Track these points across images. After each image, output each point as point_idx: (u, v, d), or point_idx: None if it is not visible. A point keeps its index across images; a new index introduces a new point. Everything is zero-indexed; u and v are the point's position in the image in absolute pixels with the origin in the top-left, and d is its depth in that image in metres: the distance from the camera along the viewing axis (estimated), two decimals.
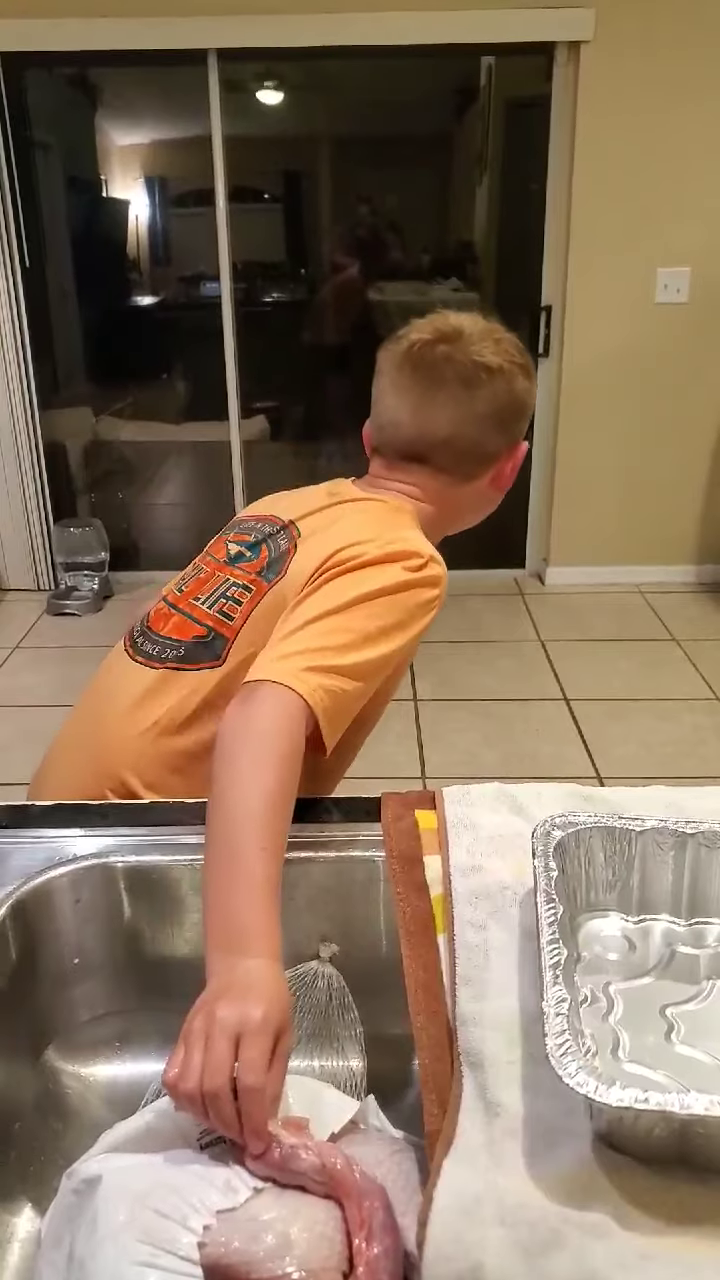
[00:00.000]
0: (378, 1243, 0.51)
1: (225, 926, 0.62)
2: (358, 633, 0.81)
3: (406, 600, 0.85)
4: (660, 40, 3.00)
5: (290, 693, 0.74)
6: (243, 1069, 0.54)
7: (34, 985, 0.75)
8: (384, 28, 2.99)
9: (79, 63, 3.40)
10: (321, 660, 0.77)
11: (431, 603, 0.87)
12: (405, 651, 0.87)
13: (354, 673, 0.79)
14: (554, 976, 0.54)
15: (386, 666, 0.84)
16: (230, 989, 0.58)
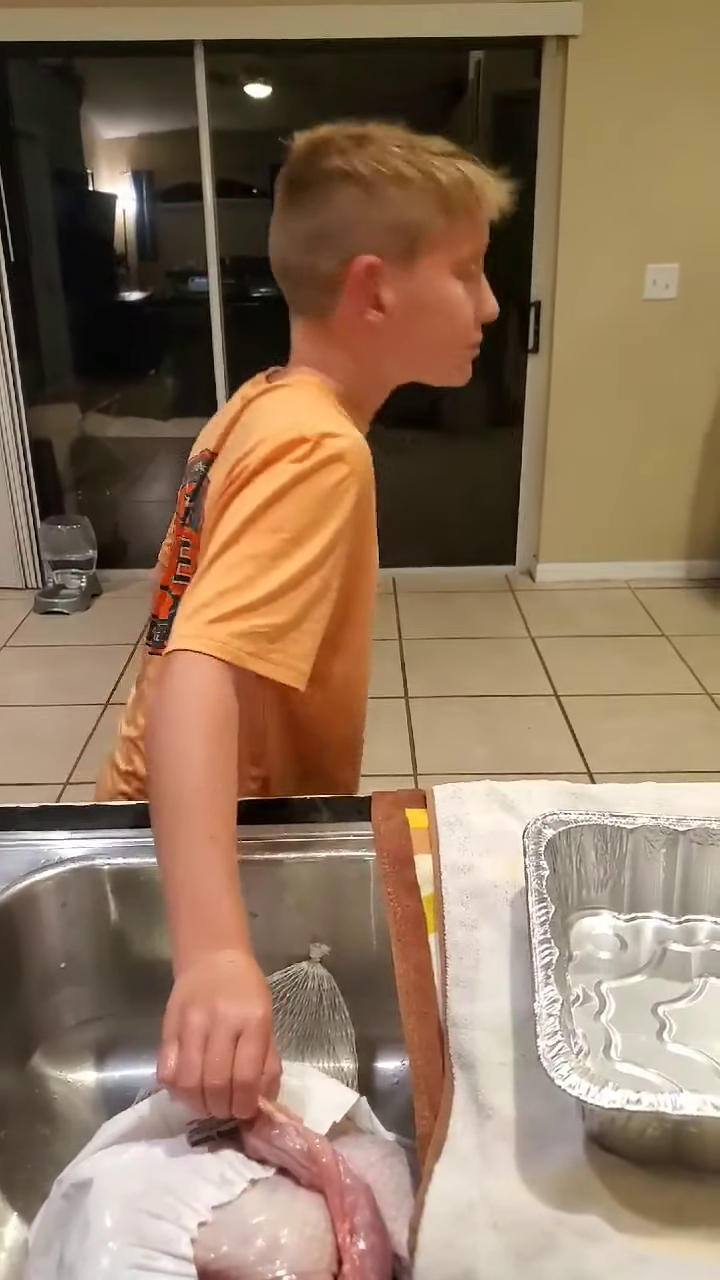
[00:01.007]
0: (363, 1239, 0.51)
1: (196, 917, 0.61)
2: (261, 556, 0.72)
3: (305, 495, 0.74)
4: (648, 35, 3.00)
5: (200, 657, 0.68)
6: (240, 1065, 0.54)
7: (20, 990, 0.74)
8: (372, 21, 2.98)
9: (63, 53, 3.38)
10: (226, 605, 0.70)
11: (343, 483, 0.75)
12: (344, 548, 0.77)
13: (274, 599, 0.71)
14: (545, 977, 0.54)
15: (322, 571, 0.74)
16: (222, 984, 0.57)
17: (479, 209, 0.83)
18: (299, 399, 0.83)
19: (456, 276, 0.83)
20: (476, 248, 0.84)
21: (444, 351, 0.87)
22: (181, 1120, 0.57)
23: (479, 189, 0.82)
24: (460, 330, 0.85)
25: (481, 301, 0.86)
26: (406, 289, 0.82)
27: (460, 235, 0.82)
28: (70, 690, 2.75)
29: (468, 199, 0.81)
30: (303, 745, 0.91)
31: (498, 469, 3.67)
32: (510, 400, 3.60)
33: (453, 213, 0.81)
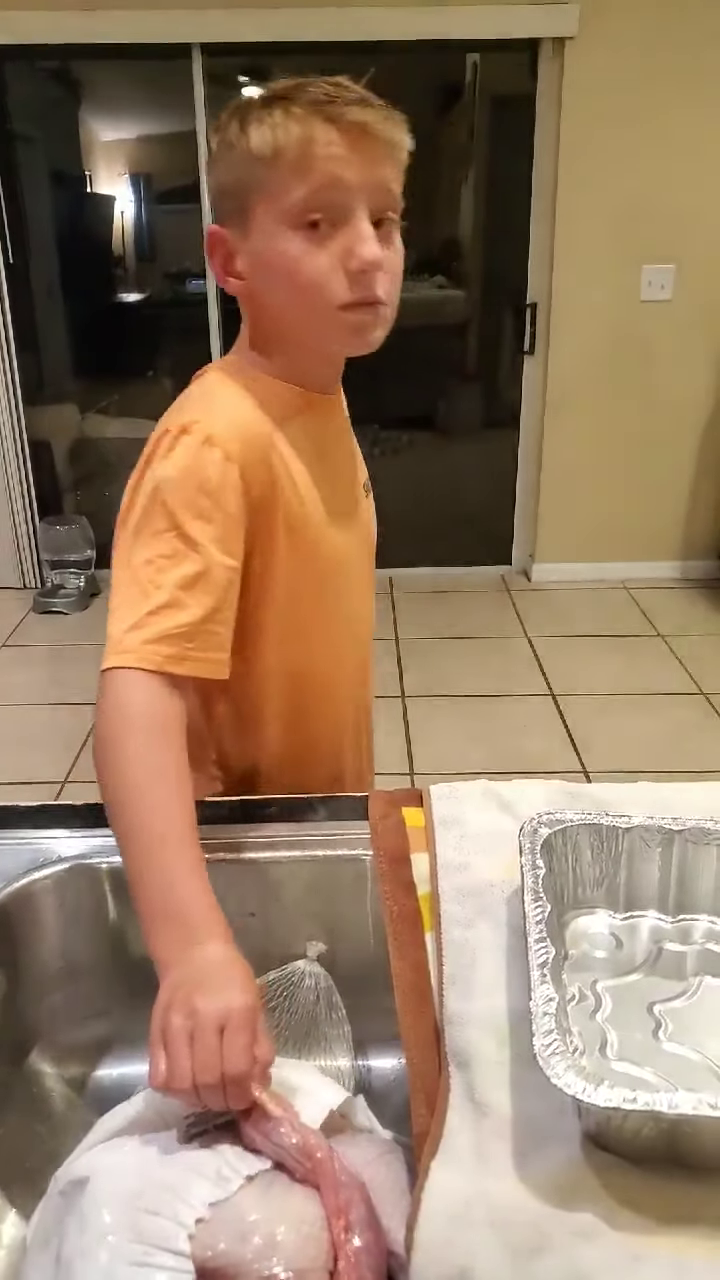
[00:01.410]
0: (358, 1236, 0.51)
1: (165, 921, 0.61)
2: (156, 559, 0.72)
3: (180, 487, 0.73)
4: (645, 37, 3.01)
5: (122, 672, 0.70)
6: (229, 1058, 0.54)
7: (17, 988, 0.74)
8: (369, 23, 2.98)
9: (62, 56, 3.38)
10: (136, 614, 0.71)
11: (215, 466, 0.74)
12: (237, 529, 0.75)
13: (179, 598, 0.71)
14: (542, 975, 0.54)
15: (219, 558, 0.73)
16: (201, 980, 0.57)
17: (304, 154, 0.74)
18: (191, 393, 0.82)
19: (291, 228, 0.75)
20: (308, 193, 0.74)
21: (308, 313, 0.77)
22: (177, 1115, 0.57)
23: (298, 133, 0.74)
24: (310, 287, 0.75)
25: (344, 252, 0.74)
26: (250, 251, 0.77)
27: (284, 184, 0.74)
28: (68, 690, 2.74)
29: (284, 145, 0.74)
30: (272, 734, 0.89)
31: (494, 469, 3.67)
32: (506, 401, 3.61)
33: (272, 163, 0.74)
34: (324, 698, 0.91)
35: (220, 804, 0.85)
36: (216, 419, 0.77)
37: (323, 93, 0.74)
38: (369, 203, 0.75)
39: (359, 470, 0.93)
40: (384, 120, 0.75)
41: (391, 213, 0.77)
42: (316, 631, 0.87)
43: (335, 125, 0.73)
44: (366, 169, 0.74)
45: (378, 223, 0.76)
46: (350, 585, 0.90)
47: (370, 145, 0.74)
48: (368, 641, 0.98)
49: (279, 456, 0.79)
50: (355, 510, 0.90)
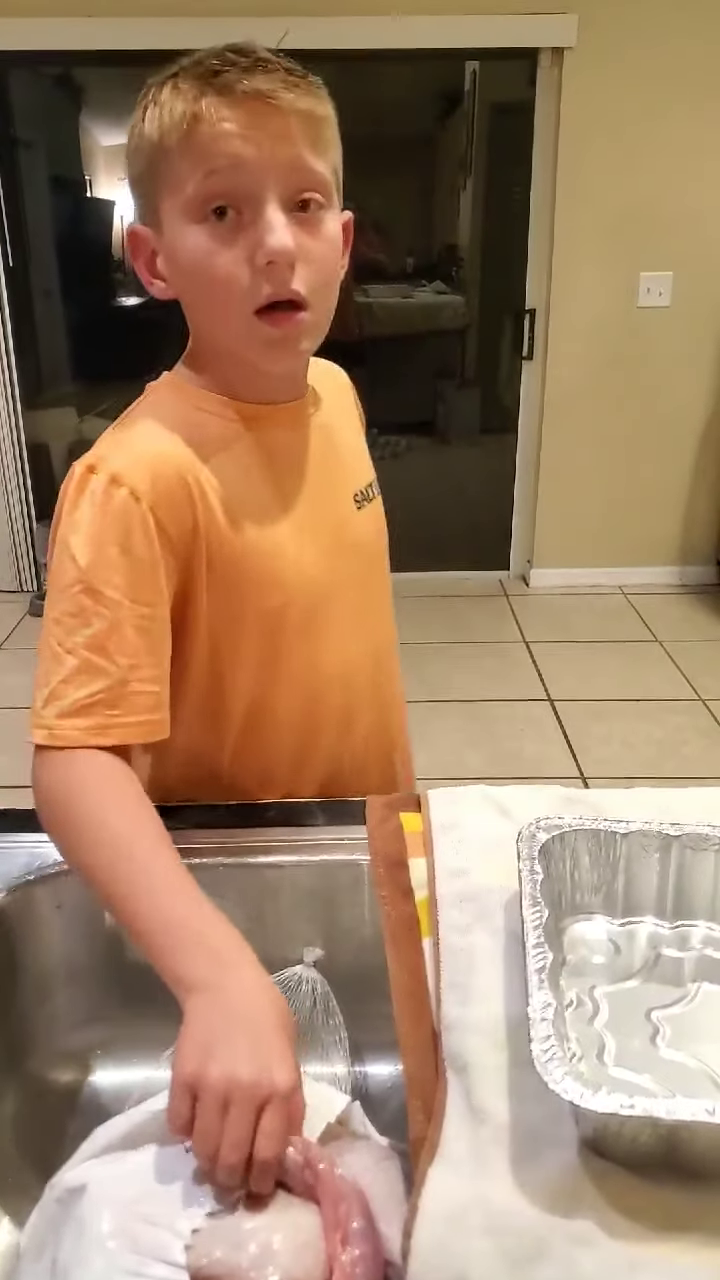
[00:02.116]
0: (354, 1247, 0.51)
1: (182, 936, 0.58)
2: (65, 619, 0.68)
3: (87, 538, 0.68)
4: (643, 46, 3.02)
5: (46, 753, 0.67)
6: (262, 1141, 0.51)
7: (14, 993, 0.74)
8: (369, 32, 2.99)
9: (63, 62, 3.39)
10: (52, 683, 0.67)
11: (122, 506, 0.67)
12: (153, 575, 0.69)
13: (93, 662, 0.67)
14: (539, 981, 0.54)
15: (136, 607, 0.68)
16: (241, 1030, 0.53)
17: (193, 135, 0.65)
18: (125, 416, 0.77)
19: (194, 222, 0.67)
20: (201, 178, 0.65)
21: (223, 320, 0.70)
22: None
23: (182, 111, 0.65)
24: (218, 287, 0.67)
25: (252, 245, 0.65)
26: (164, 249, 0.70)
27: (177, 171, 0.66)
28: None
29: (177, 129, 0.65)
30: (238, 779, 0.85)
31: (492, 475, 3.68)
32: (504, 406, 3.62)
33: (166, 150, 0.66)
34: (290, 734, 0.84)
35: (217, 808, 0.84)
36: (125, 453, 0.71)
37: (215, 61, 0.64)
38: (279, 185, 0.65)
39: (349, 479, 0.85)
40: (287, 86, 0.64)
41: (313, 193, 0.67)
42: (268, 669, 0.80)
43: (226, 97, 0.64)
44: (270, 145, 0.64)
45: (302, 204, 0.66)
46: (331, 610, 0.82)
47: (272, 116, 0.64)
48: (369, 665, 0.88)
49: (201, 488, 0.72)
50: (340, 526, 0.82)
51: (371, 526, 0.87)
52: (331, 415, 0.84)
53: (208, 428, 0.75)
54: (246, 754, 0.84)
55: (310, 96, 0.66)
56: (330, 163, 0.70)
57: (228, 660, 0.79)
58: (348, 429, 0.88)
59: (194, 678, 0.79)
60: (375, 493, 0.89)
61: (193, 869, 0.75)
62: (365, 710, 0.89)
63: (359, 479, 0.86)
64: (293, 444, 0.80)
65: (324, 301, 0.71)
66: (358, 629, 0.86)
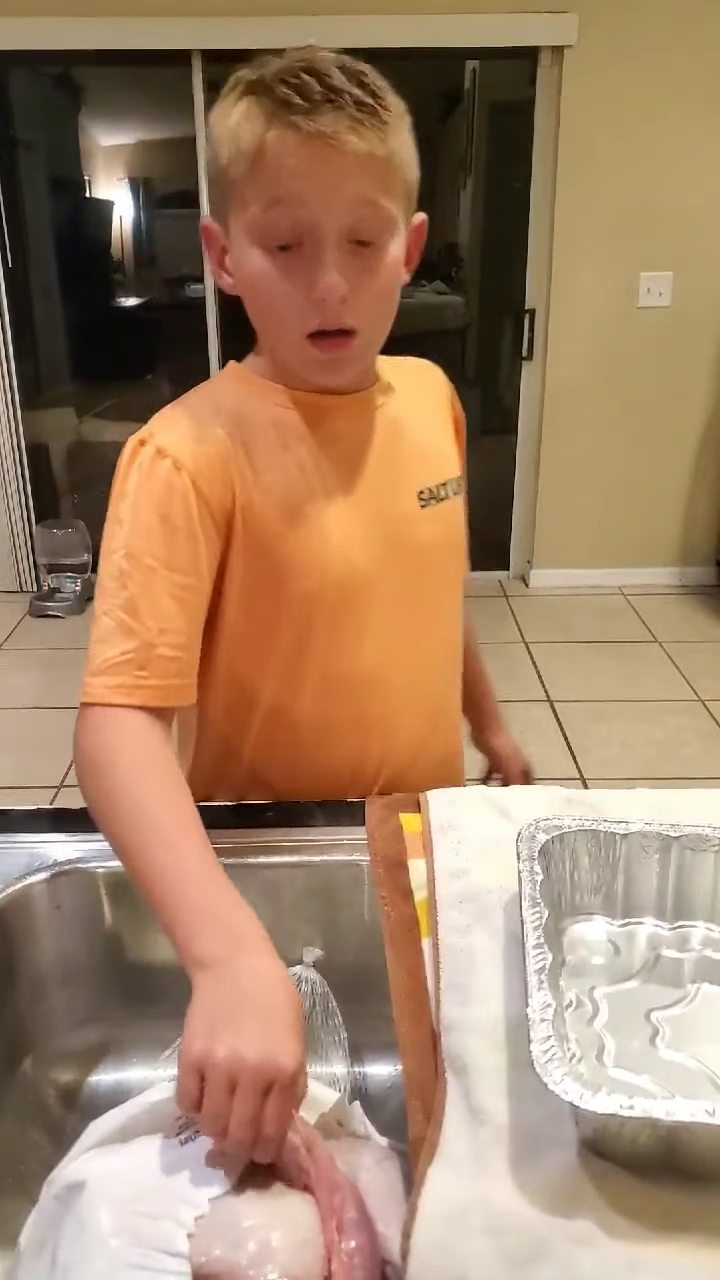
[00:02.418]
0: (351, 1238, 0.50)
1: (198, 913, 0.58)
2: (107, 583, 0.71)
3: (133, 506, 0.71)
4: (643, 45, 3.02)
5: (86, 710, 0.69)
6: (269, 1121, 0.52)
7: (12, 993, 0.74)
8: (368, 31, 2.99)
9: (63, 62, 3.39)
10: (90, 644, 0.70)
11: (166, 479, 0.71)
12: (189, 546, 0.71)
13: (126, 624, 0.69)
14: (539, 981, 0.54)
15: (173, 576, 0.71)
16: (250, 1008, 0.53)
17: (258, 166, 0.66)
18: (174, 404, 0.79)
19: (255, 244, 0.69)
20: (263, 210, 0.67)
21: (276, 334, 0.73)
22: (171, 1118, 0.57)
23: (251, 138, 0.65)
24: (273, 313, 0.71)
25: (307, 280, 0.68)
26: (231, 252, 0.72)
27: (243, 194, 0.68)
28: (64, 694, 2.72)
29: (244, 158, 0.66)
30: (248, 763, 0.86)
31: (492, 475, 3.68)
32: (504, 407, 3.62)
33: (234, 173, 0.67)
34: (312, 731, 0.84)
35: (217, 808, 0.84)
36: (174, 429, 0.74)
37: (287, 88, 0.64)
38: (338, 222, 0.67)
39: (416, 475, 0.83)
40: (357, 126, 0.64)
41: (374, 234, 0.68)
42: (293, 659, 0.80)
43: (294, 131, 0.64)
44: (331, 184, 0.65)
45: (361, 241, 0.68)
46: (372, 608, 0.81)
47: (335, 158, 0.64)
48: (414, 671, 0.86)
49: (243, 467, 0.74)
50: (394, 522, 0.81)
51: (435, 527, 0.84)
52: (407, 410, 0.84)
53: (261, 412, 0.77)
54: (269, 747, 0.85)
55: (377, 134, 0.66)
56: (397, 192, 0.70)
57: (254, 644, 0.80)
58: (427, 426, 0.86)
59: (221, 657, 0.80)
60: (451, 493, 0.85)
61: None
62: (409, 719, 0.86)
63: (429, 477, 0.84)
64: (351, 434, 0.80)
65: (377, 325, 0.74)
66: (403, 632, 0.83)
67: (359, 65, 0.67)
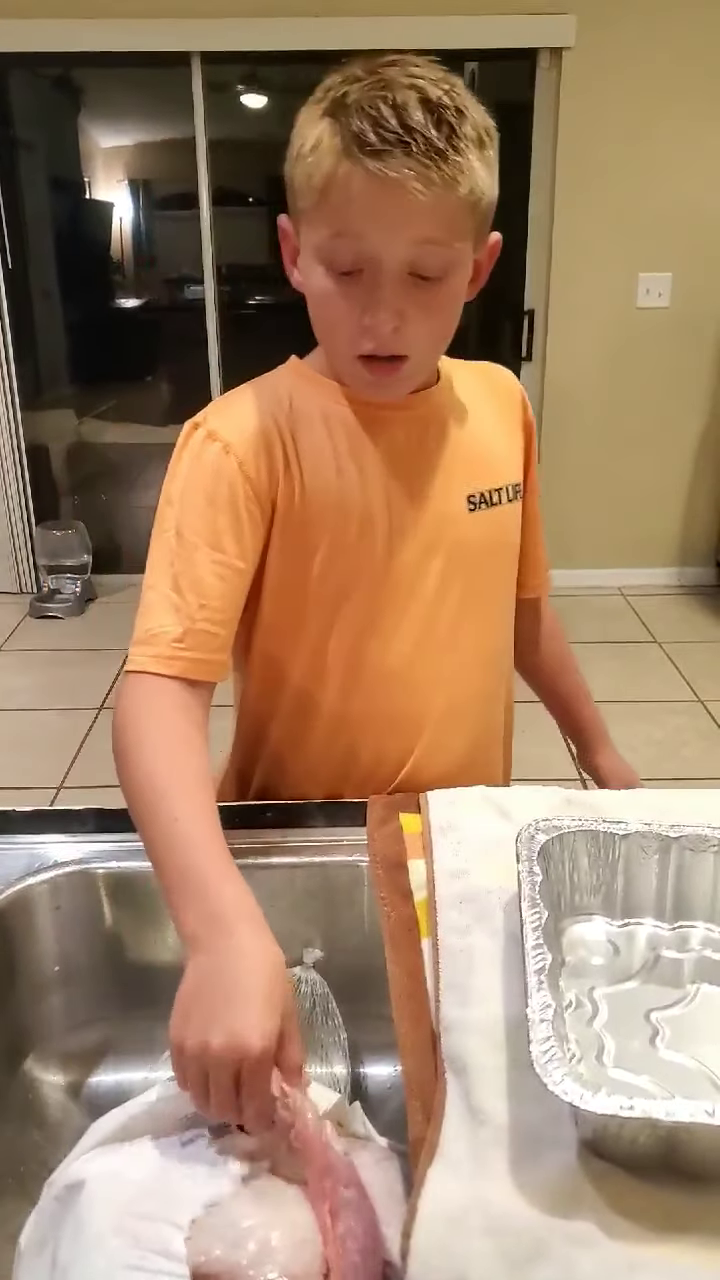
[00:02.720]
0: (343, 1220, 0.50)
1: (187, 889, 0.59)
2: (156, 560, 0.74)
3: (184, 487, 0.74)
4: (642, 47, 3.03)
5: (128, 677, 0.72)
6: (247, 1102, 0.53)
7: (13, 993, 0.74)
8: (367, 32, 2.99)
9: (63, 64, 3.40)
10: (139, 616, 0.73)
11: (215, 462, 0.74)
12: (234, 526, 0.74)
13: (170, 600, 0.72)
14: (538, 982, 0.54)
15: (216, 555, 0.73)
16: (219, 995, 0.54)
17: (327, 195, 0.67)
18: (230, 392, 0.81)
19: (320, 263, 0.70)
20: (328, 237, 0.68)
21: (332, 347, 0.75)
22: (171, 1119, 0.57)
23: (325, 168, 0.66)
24: (328, 330, 0.73)
25: (362, 307, 0.69)
26: (300, 257, 0.74)
27: (311, 215, 0.69)
28: (64, 694, 2.74)
29: (316, 186, 0.67)
30: (273, 752, 0.87)
31: None
32: None
33: (305, 195, 0.69)
34: (334, 723, 0.84)
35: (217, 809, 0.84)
36: (225, 414, 0.77)
37: (369, 117, 0.63)
38: (399, 259, 0.67)
39: (467, 478, 0.82)
40: (425, 173, 0.64)
41: (435, 270, 0.69)
42: (320, 646, 0.81)
43: (363, 170, 0.64)
44: (395, 225, 0.66)
45: (423, 276, 0.69)
46: (406, 605, 0.81)
47: (402, 202, 0.65)
48: (449, 673, 0.85)
49: (288, 455, 0.76)
50: (438, 522, 0.81)
51: (483, 531, 0.84)
52: (468, 412, 0.84)
53: (313, 404, 0.78)
54: (294, 732, 0.86)
55: (447, 179, 0.65)
56: (469, 227, 0.70)
57: (285, 628, 0.81)
58: (488, 430, 0.85)
59: (256, 638, 0.82)
60: (506, 499, 0.85)
61: None
62: (437, 720, 0.85)
63: (482, 480, 0.83)
64: (402, 433, 0.80)
65: (431, 351, 0.77)
66: (438, 632, 0.83)
67: (441, 91, 0.66)
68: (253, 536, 0.76)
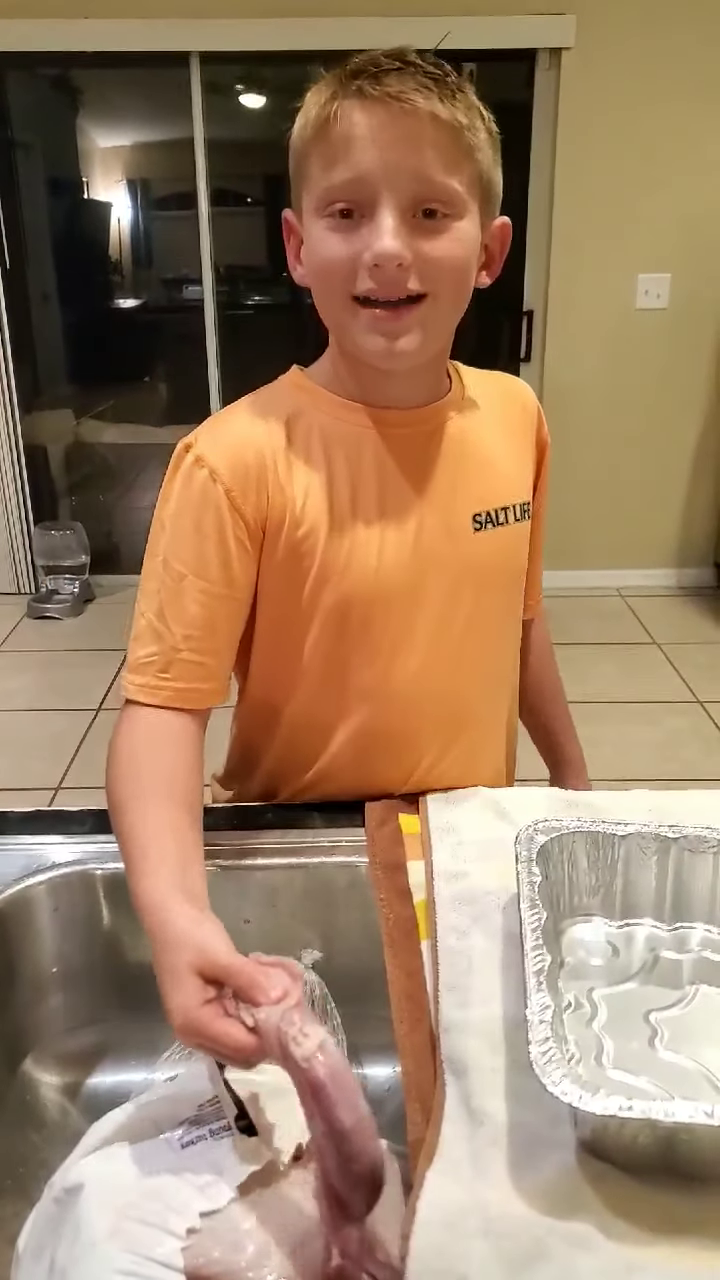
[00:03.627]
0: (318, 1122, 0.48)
1: (150, 930, 0.59)
2: (145, 587, 0.74)
3: (172, 513, 0.74)
4: (641, 47, 3.03)
5: (125, 704, 0.74)
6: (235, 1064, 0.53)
7: (11, 994, 0.73)
8: (366, 33, 2.99)
9: (60, 63, 3.39)
10: (130, 643, 0.74)
11: (202, 487, 0.72)
12: (219, 553, 0.73)
13: (155, 627, 0.73)
14: (537, 983, 0.54)
15: (201, 583, 0.73)
16: (159, 972, 0.56)
17: (323, 135, 0.66)
18: (225, 409, 0.80)
19: (320, 216, 0.68)
20: (325, 178, 0.66)
21: (328, 304, 0.71)
22: (170, 1121, 0.57)
23: (318, 110, 0.66)
24: (324, 274, 0.69)
25: (364, 244, 0.66)
26: (304, 238, 0.72)
27: (310, 168, 0.68)
28: (63, 695, 2.74)
29: (311, 128, 0.66)
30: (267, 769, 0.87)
31: None
32: None
33: (304, 148, 0.68)
34: (328, 741, 0.83)
35: (216, 811, 0.84)
36: (215, 437, 0.75)
37: (359, 61, 0.64)
38: (399, 191, 0.64)
39: (475, 496, 0.80)
40: (420, 87, 0.62)
41: (437, 204, 0.66)
42: (319, 669, 0.80)
43: (358, 99, 0.63)
44: (394, 151, 0.63)
45: (427, 212, 0.65)
46: (409, 625, 0.79)
47: (401, 120, 0.63)
48: (451, 694, 0.83)
49: (281, 475, 0.74)
50: (442, 540, 0.78)
51: (489, 550, 0.81)
52: (480, 427, 0.81)
53: (311, 420, 0.76)
54: (289, 754, 0.85)
55: (447, 102, 0.64)
56: (467, 173, 0.67)
57: (282, 650, 0.80)
58: (499, 447, 0.83)
59: (251, 659, 0.82)
60: (514, 518, 0.83)
61: None
62: (437, 742, 0.84)
63: (490, 499, 0.81)
64: (406, 449, 0.77)
65: (446, 297, 0.70)
66: (441, 653, 0.81)
67: (442, 72, 0.66)
68: (242, 564, 0.74)
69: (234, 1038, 0.51)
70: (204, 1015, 0.53)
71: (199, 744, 0.73)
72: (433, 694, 0.82)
